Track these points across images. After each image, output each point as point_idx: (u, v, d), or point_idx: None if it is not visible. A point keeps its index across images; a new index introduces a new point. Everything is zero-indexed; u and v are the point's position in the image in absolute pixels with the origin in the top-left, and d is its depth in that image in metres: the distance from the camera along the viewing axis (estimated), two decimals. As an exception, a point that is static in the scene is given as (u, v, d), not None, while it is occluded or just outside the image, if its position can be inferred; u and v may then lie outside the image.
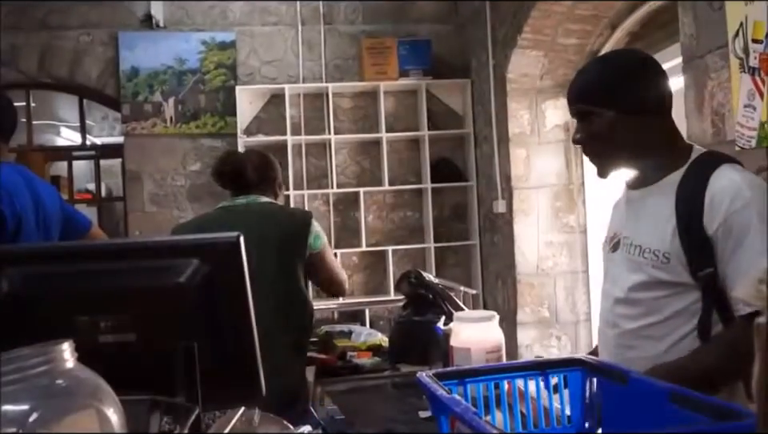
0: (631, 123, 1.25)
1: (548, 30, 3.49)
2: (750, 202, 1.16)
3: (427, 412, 1.57)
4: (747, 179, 1.21)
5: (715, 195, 1.17)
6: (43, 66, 4.38)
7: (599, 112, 1.26)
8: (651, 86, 1.27)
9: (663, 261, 1.21)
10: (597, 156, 1.31)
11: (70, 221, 2.02)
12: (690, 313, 1.20)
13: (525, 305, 3.88)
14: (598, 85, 1.28)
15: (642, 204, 1.30)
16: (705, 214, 1.17)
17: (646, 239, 1.25)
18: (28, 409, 0.66)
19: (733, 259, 1.15)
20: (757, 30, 1.69)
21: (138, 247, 1.02)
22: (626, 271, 1.29)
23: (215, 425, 0.90)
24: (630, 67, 1.29)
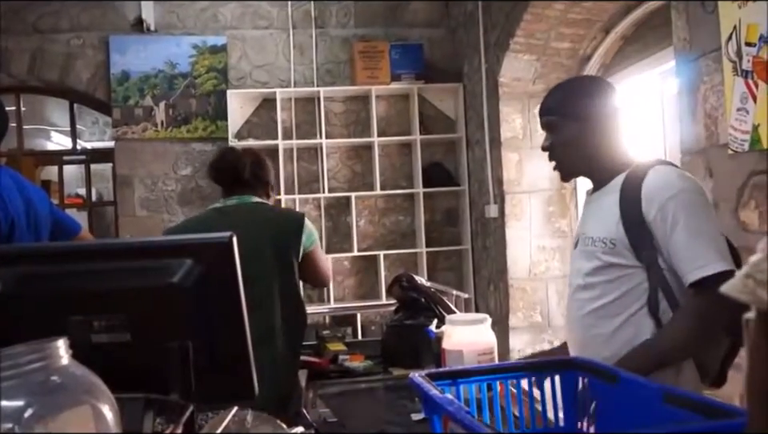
0: (590, 133, 1.47)
1: (540, 34, 3.50)
2: (680, 190, 1.35)
3: (420, 415, 1.57)
4: (678, 173, 1.42)
5: (650, 187, 1.37)
6: (33, 70, 4.36)
7: (565, 123, 1.48)
8: (607, 103, 1.49)
9: (611, 247, 1.41)
10: (561, 162, 1.53)
11: (60, 224, 2.02)
12: (638, 292, 1.38)
13: (517, 310, 3.88)
14: (565, 101, 1.51)
15: (595, 204, 1.52)
16: (642, 203, 1.37)
17: (596, 230, 1.46)
18: (23, 405, 0.66)
19: (672, 239, 1.33)
20: (750, 33, 1.70)
21: (131, 247, 1.02)
22: (583, 260, 1.49)
23: (208, 425, 0.89)
24: (590, 87, 1.54)
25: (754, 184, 1.77)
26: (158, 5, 4.43)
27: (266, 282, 1.94)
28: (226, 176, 2.13)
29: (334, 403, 1.74)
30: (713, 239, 1.33)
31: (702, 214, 1.35)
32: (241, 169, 2.10)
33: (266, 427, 0.93)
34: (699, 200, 1.37)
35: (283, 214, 2.23)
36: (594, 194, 1.53)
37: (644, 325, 1.36)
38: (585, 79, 1.83)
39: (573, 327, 1.51)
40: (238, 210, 2.07)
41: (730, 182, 1.86)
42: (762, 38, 1.67)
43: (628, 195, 1.40)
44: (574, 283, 1.51)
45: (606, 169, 1.49)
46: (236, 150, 2.22)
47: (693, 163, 2.06)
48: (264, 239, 1.98)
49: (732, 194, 1.85)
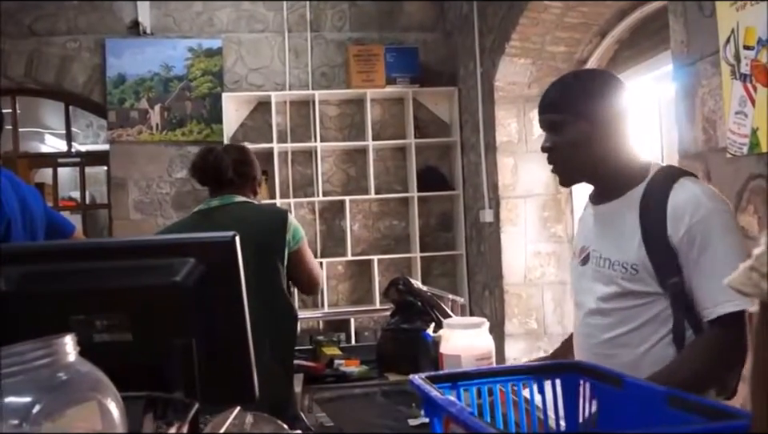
0: (600, 134, 1.31)
1: (536, 37, 3.51)
2: (710, 212, 1.22)
3: (417, 420, 1.56)
4: (707, 191, 1.28)
5: (677, 207, 1.23)
6: (30, 73, 4.36)
7: (571, 121, 1.31)
8: (619, 102, 1.33)
9: (632, 272, 1.27)
10: (563, 165, 1.36)
11: (54, 225, 2.01)
12: (661, 320, 1.26)
13: (512, 316, 3.87)
14: (571, 96, 1.33)
15: (608, 218, 1.35)
16: (668, 225, 1.23)
17: (614, 252, 1.31)
18: (30, 401, 0.67)
19: (697, 267, 1.21)
20: (748, 37, 1.70)
21: (134, 246, 1.01)
22: (597, 283, 1.34)
23: (210, 425, 0.88)
24: (601, 82, 1.36)
25: (752, 188, 1.77)
26: (154, 8, 4.43)
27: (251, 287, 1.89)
28: (207, 177, 2.09)
29: (330, 408, 1.73)
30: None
31: (732, 239, 1.22)
32: (223, 169, 2.05)
33: (267, 427, 0.92)
34: (729, 223, 1.25)
35: (265, 213, 2.10)
36: (605, 205, 1.37)
37: (667, 356, 1.24)
38: (593, 73, 1.59)
39: (585, 354, 1.37)
40: (220, 212, 2.02)
41: (729, 187, 1.86)
42: (761, 42, 1.67)
43: (651, 213, 1.25)
44: (585, 305, 1.38)
45: (617, 177, 1.33)
46: (216, 150, 2.14)
47: (690, 167, 2.06)
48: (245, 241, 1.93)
49: (731, 199, 1.84)
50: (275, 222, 2.01)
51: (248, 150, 2.20)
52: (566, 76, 1.44)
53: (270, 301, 1.93)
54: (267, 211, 2.10)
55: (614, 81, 1.37)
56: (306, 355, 2.33)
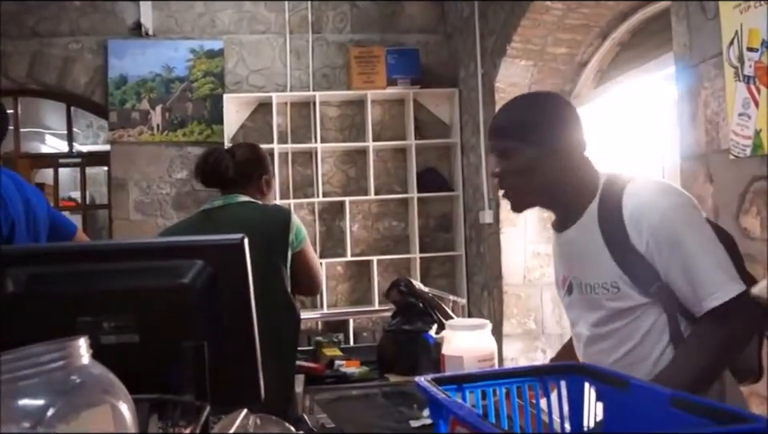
0: (549, 159, 1.29)
1: (538, 39, 3.52)
2: (666, 210, 1.21)
3: (419, 422, 1.55)
4: (656, 189, 1.25)
5: (632, 215, 1.22)
6: (32, 73, 4.37)
7: (519, 148, 1.30)
8: (569, 125, 1.32)
9: (614, 291, 1.25)
10: (513, 191, 1.35)
11: (56, 225, 2.01)
12: (659, 329, 1.24)
13: (511, 316, 3.87)
14: (520, 123, 1.32)
15: (574, 244, 1.34)
16: (630, 235, 1.21)
17: (591, 276, 1.29)
18: (45, 404, 0.66)
19: (672, 267, 1.19)
20: (752, 39, 1.70)
21: (142, 248, 1.01)
22: (586, 310, 1.33)
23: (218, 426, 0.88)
24: (549, 107, 1.34)
25: (755, 190, 1.77)
26: (156, 10, 4.44)
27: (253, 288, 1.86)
28: (210, 178, 2.06)
29: (331, 410, 1.73)
30: (715, 257, 1.18)
31: (697, 230, 1.20)
32: (223, 170, 2.01)
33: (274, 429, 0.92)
34: (689, 215, 1.22)
35: (268, 214, 2.02)
36: (567, 232, 1.35)
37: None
38: (541, 97, 1.59)
39: None
40: (223, 212, 1.99)
41: (731, 188, 1.86)
42: (764, 44, 1.67)
43: (611, 229, 1.24)
44: (583, 334, 1.36)
45: (571, 200, 1.32)
46: (217, 151, 2.11)
47: (693, 169, 2.06)
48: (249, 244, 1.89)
49: (733, 201, 1.85)
50: (278, 222, 1.96)
51: (256, 149, 2.15)
52: (514, 101, 1.43)
53: (272, 302, 1.88)
54: (270, 211, 2.03)
55: (562, 104, 1.36)
56: (307, 356, 2.33)
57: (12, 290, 0.91)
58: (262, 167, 2.09)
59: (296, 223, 1.98)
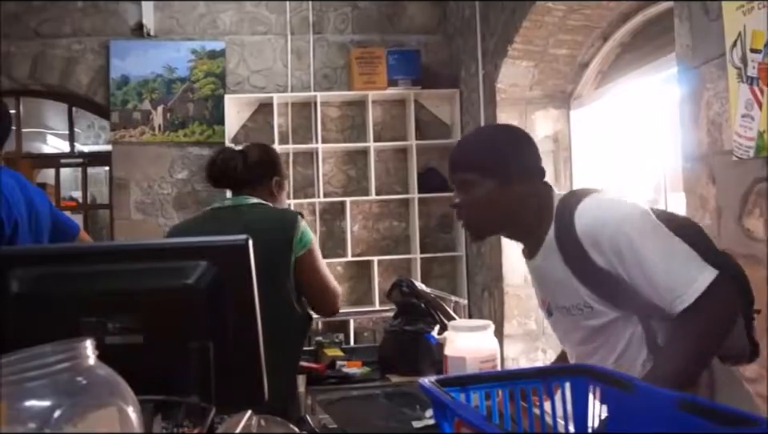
0: (509, 195, 1.32)
1: (539, 40, 3.51)
2: (619, 223, 1.23)
3: (421, 422, 1.55)
4: (604, 204, 1.29)
5: (587, 235, 1.24)
6: (34, 74, 4.38)
7: (477, 180, 1.33)
8: (525, 158, 1.36)
9: (588, 310, 1.29)
10: (472, 222, 1.38)
11: (59, 225, 2.01)
12: (639, 336, 1.27)
13: (512, 317, 3.87)
14: (477, 156, 1.35)
15: (542, 271, 1.38)
16: (590, 254, 1.24)
17: (564, 299, 1.33)
18: (51, 405, 0.66)
19: (637, 276, 1.21)
20: (756, 40, 1.70)
21: (147, 249, 1.01)
22: (568, 331, 1.38)
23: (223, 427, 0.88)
24: (506, 140, 1.38)
25: (758, 191, 1.76)
26: (158, 10, 4.45)
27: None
28: (220, 179, 2.03)
29: (333, 410, 1.73)
30: (678, 256, 1.20)
31: (651, 236, 1.22)
32: (233, 170, 1.99)
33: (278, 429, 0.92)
34: (641, 223, 1.24)
35: (275, 216, 1.97)
36: (534, 259, 1.38)
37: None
38: (498, 130, 1.65)
39: None
40: (230, 212, 1.96)
41: (734, 190, 1.86)
42: (768, 45, 1.67)
43: (569, 252, 1.27)
44: (572, 353, 1.41)
45: (530, 228, 1.35)
46: (228, 151, 2.08)
47: (695, 170, 2.06)
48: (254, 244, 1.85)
49: (736, 202, 1.85)
50: (283, 225, 1.90)
51: (269, 150, 2.12)
52: (472, 134, 1.47)
53: (273, 304, 1.86)
54: (277, 214, 1.98)
55: (519, 137, 1.39)
56: (308, 356, 2.33)
57: (17, 291, 0.91)
58: (273, 169, 2.05)
59: (302, 227, 1.92)
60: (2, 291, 0.92)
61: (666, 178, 2.93)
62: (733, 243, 1.85)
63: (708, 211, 1.98)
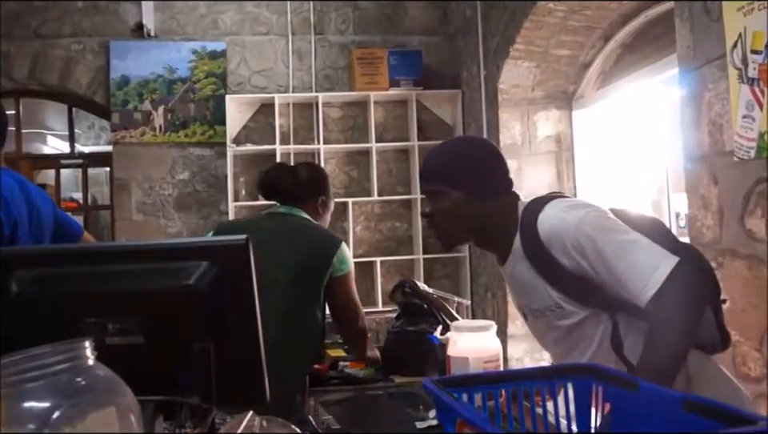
0: (476, 205, 1.38)
1: (540, 41, 3.51)
2: (579, 222, 1.27)
3: (425, 423, 1.55)
4: (563, 206, 1.32)
5: (550, 239, 1.29)
6: (34, 74, 4.37)
7: (445, 191, 1.38)
8: (492, 170, 1.41)
9: (559, 311, 1.34)
10: (442, 232, 1.43)
11: (63, 226, 2.00)
12: (610, 333, 1.31)
13: (515, 318, 3.86)
14: (446, 167, 1.40)
15: (513, 277, 1.42)
16: (558, 258, 1.28)
17: (535, 302, 1.38)
18: (50, 406, 0.66)
19: (602, 270, 1.25)
20: (756, 41, 1.70)
21: (148, 250, 1.01)
22: (543, 332, 1.43)
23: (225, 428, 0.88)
24: (474, 153, 1.43)
25: (759, 192, 1.76)
26: (158, 11, 4.44)
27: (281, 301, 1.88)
28: (268, 192, 2.15)
29: (336, 411, 1.72)
30: (638, 247, 1.23)
31: (610, 233, 1.25)
32: (280, 184, 2.11)
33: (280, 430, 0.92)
34: (600, 220, 1.28)
35: (321, 233, 2.09)
36: (505, 266, 1.43)
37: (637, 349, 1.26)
38: (466, 142, 1.71)
39: None
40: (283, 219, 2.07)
41: (736, 190, 1.86)
42: (768, 46, 1.67)
43: (536, 257, 1.31)
44: (554, 354, 1.46)
45: (499, 238, 1.40)
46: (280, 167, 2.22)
47: (697, 171, 2.06)
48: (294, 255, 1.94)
49: (738, 202, 1.85)
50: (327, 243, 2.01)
51: (320, 171, 2.25)
52: (441, 146, 1.50)
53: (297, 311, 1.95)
54: (323, 232, 2.11)
55: (487, 150, 1.44)
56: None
57: (17, 291, 0.91)
58: (321, 189, 2.15)
59: (345, 251, 2.03)
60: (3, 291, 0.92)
61: (669, 179, 2.93)
62: (735, 243, 1.85)
63: (710, 212, 1.98)
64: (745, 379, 1.77)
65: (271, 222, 2.09)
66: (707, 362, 1.35)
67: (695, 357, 1.28)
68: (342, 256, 2.01)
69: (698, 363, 1.29)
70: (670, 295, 1.18)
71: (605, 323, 1.31)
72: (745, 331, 1.75)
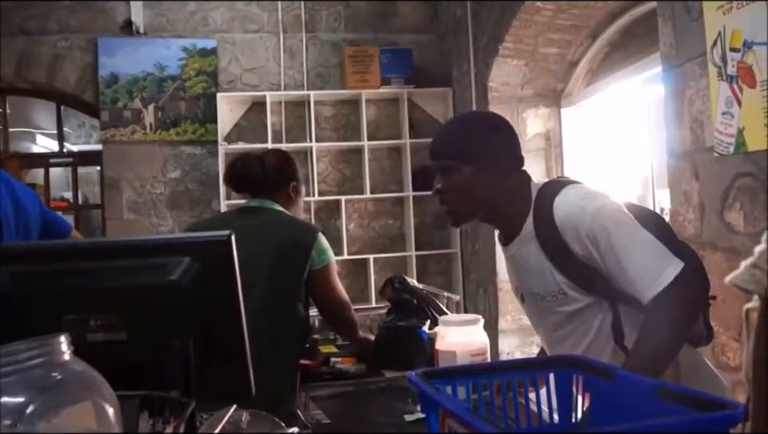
0: (487, 181, 1.36)
1: (529, 39, 3.54)
2: (596, 212, 1.27)
3: (413, 416, 1.57)
4: (582, 194, 1.32)
5: (564, 224, 1.29)
6: (20, 72, 4.32)
7: (456, 166, 1.36)
8: (504, 145, 1.39)
9: (561, 297, 1.34)
10: (452, 208, 1.41)
11: (51, 225, 2.00)
12: (609, 322, 1.33)
13: (506, 313, 3.90)
14: (457, 142, 1.38)
15: (518, 259, 1.41)
16: (569, 244, 1.29)
17: (538, 287, 1.37)
18: (24, 401, 0.66)
19: (611, 262, 1.26)
20: (734, 39, 1.74)
21: (130, 246, 1.01)
22: (541, 317, 1.42)
23: (206, 423, 0.89)
24: (484, 127, 1.41)
25: (739, 186, 1.80)
26: (147, 7, 4.42)
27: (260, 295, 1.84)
28: (238, 183, 2.10)
29: (326, 406, 1.74)
30: (649, 246, 1.25)
31: (624, 227, 1.27)
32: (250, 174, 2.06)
33: (264, 425, 0.93)
34: (617, 213, 1.29)
35: (298, 225, 2.04)
36: (510, 247, 1.42)
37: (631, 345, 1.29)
38: (477, 117, 1.68)
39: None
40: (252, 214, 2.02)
41: (716, 185, 1.89)
42: (747, 44, 1.71)
43: (547, 240, 1.31)
44: (544, 339, 1.46)
45: (508, 215, 1.39)
46: (247, 157, 2.15)
47: (680, 166, 2.09)
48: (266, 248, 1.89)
49: (718, 197, 1.88)
50: (304, 235, 1.97)
51: (286, 156, 2.19)
52: (452, 121, 1.51)
53: (278, 306, 1.92)
54: (300, 224, 2.06)
55: (499, 124, 1.42)
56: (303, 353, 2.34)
57: (-2, 289, 0.90)
58: (290, 174, 2.11)
59: (323, 243, 1.99)
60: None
61: (654, 175, 2.97)
62: (715, 236, 1.89)
63: (692, 206, 2.01)
64: (724, 368, 1.81)
65: (243, 218, 2.03)
66: (694, 353, 1.39)
67: (685, 349, 1.31)
68: (321, 247, 1.97)
69: (686, 355, 1.32)
70: (673, 296, 1.20)
71: (605, 312, 1.32)
72: (723, 322, 1.79)
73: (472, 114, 2.32)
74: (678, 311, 1.21)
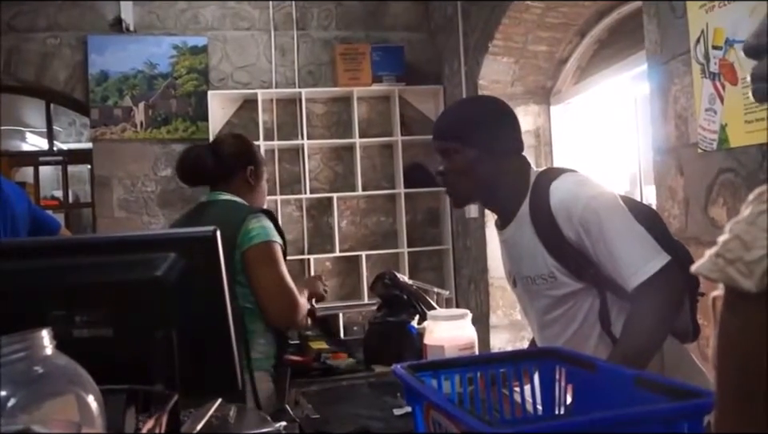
0: (489, 164, 1.39)
1: (518, 37, 3.56)
2: (589, 199, 1.31)
3: (402, 410, 1.59)
4: (578, 181, 1.36)
5: (560, 209, 1.32)
6: (9, 69, 4.29)
7: (459, 148, 1.39)
8: (505, 128, 1.43)
9: (551, 281, 1.37)
10: (454, 189, 1.44)
11: (39, 223, 2.00)
12: (596, 309, 1.36)
13: (497, 308, 3.93)
14: (460, 125, 1.41)
15: (511, 242, 1.45)
16: (562, 228, 1.32)
17: (529, 270, 1.40)
18: (6, 395, 0.66)
19: (601, 251, 1.29)
20: (717, 37, 1.76)
21: (115, 242, 1.01)
22: (532, 300, 1.45)
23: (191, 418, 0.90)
24: (488, 111, 1.44)
25: (722, 182, 1.82)
26: (137, 5, 4.40)
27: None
28: (192, 178, 1.97)
29: (316, 401, 1.75)
30: (635, 238, 1.28)
31: (616, 216, 1.30)
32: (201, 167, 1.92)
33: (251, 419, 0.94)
34: (610, 203, 1.32)
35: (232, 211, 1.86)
36: (506, 231, 1.46)
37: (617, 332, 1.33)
38: (480, 101, 1.71)
39: None
40: (202, 208, 1.94)
41: (700, 181, 1.92)
42: (729, 42, 1.73)
43: (542, 223, 1.34)
44: (534, 323, 1.48)
45: (507, 199, 1.42)
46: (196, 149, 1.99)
47: (665, 162, 2.12)
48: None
49: (702, 192, 1.91)
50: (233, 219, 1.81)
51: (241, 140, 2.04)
52: (456, 104, 1.54)
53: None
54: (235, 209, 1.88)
55: (500, 108, 1.45)
56: (293, 350, 2.36)
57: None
58: (246, 159, 1.96)
59: (253, 224, 1.80)
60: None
61: (641, 171, 3.00)
62: (699, 231, 1.91)
63: (677, 202, 2.04)
64: (708, 360, 1.84)
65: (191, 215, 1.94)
66: (680, 348, 1.42)
67: (670, 343, 1.34)
68: (252, 226, 1.77)
69: (672, 349, 1.35)
70: (656, 288, 1.23)
71: (593, 299, 1.35)
72: (708, 315, 1.82)
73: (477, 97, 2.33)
74: (660, 304, 1.24)
